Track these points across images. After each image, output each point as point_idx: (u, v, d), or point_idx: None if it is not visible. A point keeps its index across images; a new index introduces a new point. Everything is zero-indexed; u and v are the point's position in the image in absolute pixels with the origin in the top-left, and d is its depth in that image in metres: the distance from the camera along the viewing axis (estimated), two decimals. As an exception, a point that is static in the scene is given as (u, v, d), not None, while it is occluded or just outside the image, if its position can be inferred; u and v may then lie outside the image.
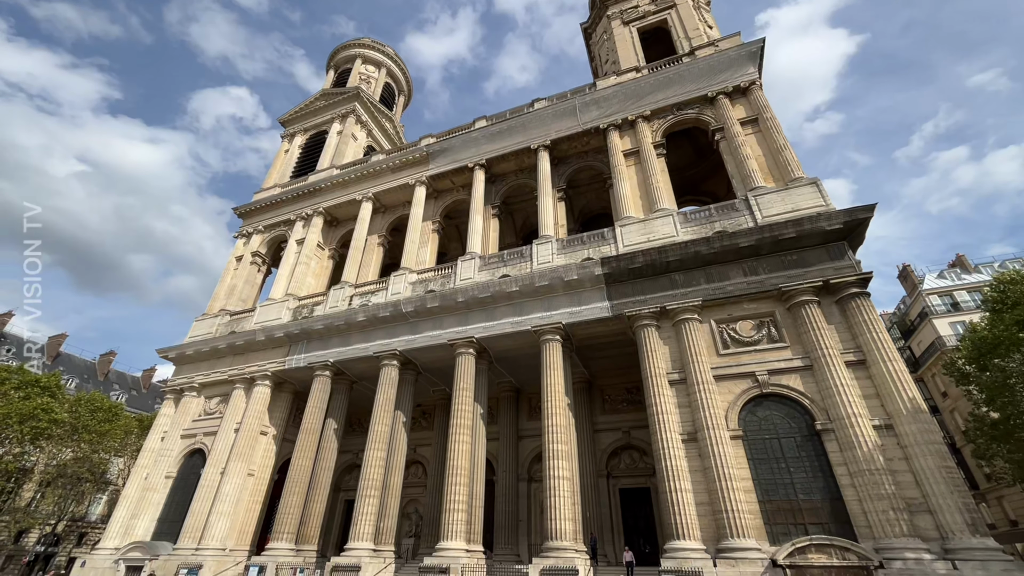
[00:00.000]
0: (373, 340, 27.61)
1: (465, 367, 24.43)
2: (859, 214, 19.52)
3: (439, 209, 34.53)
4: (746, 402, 18.93)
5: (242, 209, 41.49)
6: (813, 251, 20.23)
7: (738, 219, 22.71)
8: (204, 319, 35.49)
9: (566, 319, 23.32)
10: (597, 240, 25.40)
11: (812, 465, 17.19)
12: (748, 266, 21.09)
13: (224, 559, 24.89)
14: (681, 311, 21.13)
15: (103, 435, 40.08)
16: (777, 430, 18.23)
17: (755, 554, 15.73)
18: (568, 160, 32.07)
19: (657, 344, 21.17)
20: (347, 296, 30.55)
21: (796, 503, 16.79)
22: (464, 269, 27.54)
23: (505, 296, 24.89)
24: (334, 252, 37.98)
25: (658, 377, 20.25)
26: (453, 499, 21.07)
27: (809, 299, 19.35)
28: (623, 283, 22.98)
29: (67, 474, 42.01)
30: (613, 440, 27.49)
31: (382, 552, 22.41)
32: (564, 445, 20.71)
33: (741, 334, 20.26)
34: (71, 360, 53.38)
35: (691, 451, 18.58)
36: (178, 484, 29.21)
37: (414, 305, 26.65)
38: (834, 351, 18.07)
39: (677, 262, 21.93)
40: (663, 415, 19.31)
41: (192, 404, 31.82)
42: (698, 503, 17.56)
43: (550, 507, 19.25)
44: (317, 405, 27.57)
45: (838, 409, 17.02)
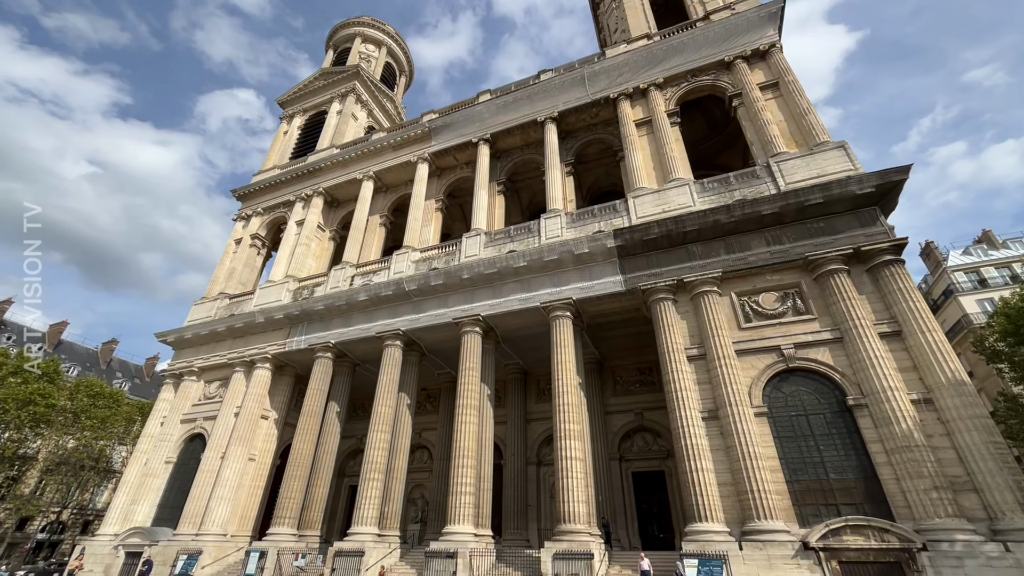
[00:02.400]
0: (375, 320, 26.60)
1: (471, 346, 23.39)
2: (893, 176, 18.19)
3: (442, 187, 33.32)
4: (771, 377, 17.78)
5: (241, 191, 40.44)
6: (842, 218, 18.92)
7: (759, 187, 21.40)
8: (203, 303, 34.61)
9: (577, 295, 22.18)
10: (608, 212, 24.16)
11: (844, 443, 16.07)
12: (771, 235, 19.83)
13: (225, 545, 24.18)
14: (700, 284, 19.94)
15: (104, 421, 39.51)
16: (805, 406, 17.09)
17: (784, 536, 14.70)
18: (576, 133, 30.71)
19: (674, 319, 20.02)
20: (348, 276, 29.51)
21: (827, 483, 15.70)
22: (469, 246, 26.40)
23: (512, 272, 23.75)
24: (335, 234, 36.91)
25: (676, 353, 19.12)
26: (460, 481, 20.15)
27: (838, 268, 18.10)
28: (637, 256, 21.78)
29: (70, 462, 41.59)
30: (625, 422, 26.45)
31: (387, 537, 21.57)
32: (576, 425, 19.68)
33: (764, 307, 19.06)
34: (73, 348, 52.88)
35: (712, 429, 17.50)
36: (178, 469, 28.51)
37: (417, 283, 25.58)
38: (866, 322, 16.86)
39: (695, 232, 20.70)
40: (681, 392, 18.21)
41: (192, 389, 31.04)
42: (720, 483, 16.51)
43: (562, 489, 18.27)
44: (318, 388, 26.67)
45: (872, 383, 15.86)
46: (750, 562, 14.51)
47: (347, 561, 19.71)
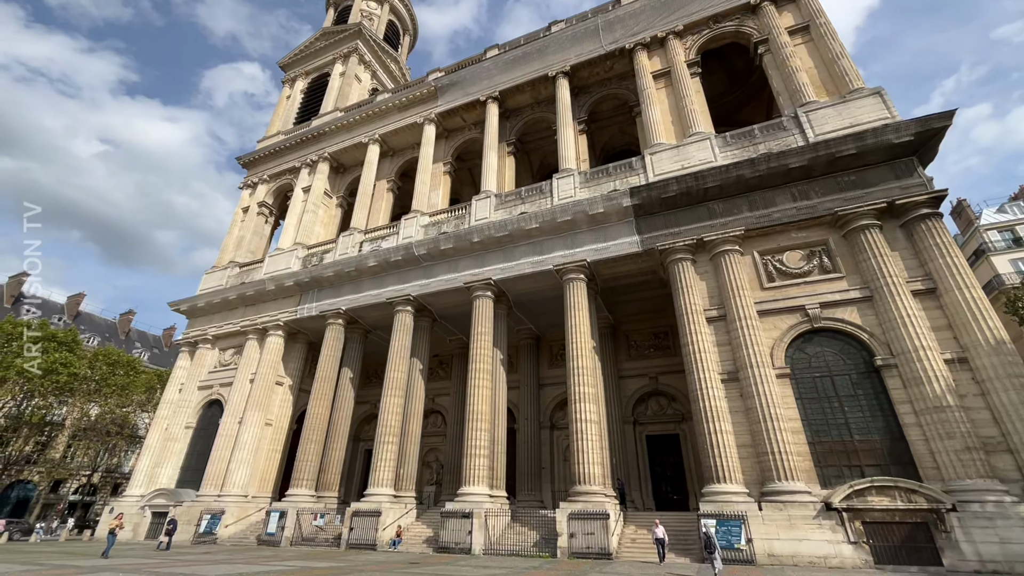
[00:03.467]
0: (385, 286, 26.26)
1: (483, 311, 22.99)
2: (934, 123, 16.88)
3: (450, 150, 32.24)
4: (794, 338, 17.15)
5: (246, 158, 39.72)
6: (875, 170, 17.77)
7: (786, 139, 20.16)
8: (214, 272, 34.56)
9: (591, 256, 21.48)
10: (624, 170, 23.10)
11: (870, 403, 15.54)
12: (798, 190, 18.77)
13: (246, 505, 24.83)
14: (720, 242, 19.10)
15: (124, 389, 40.48)
16: (830, 367, 16.50)
17: (805, 497, 14.42)
18: (589, 89, 29.21)
19: (693, 280, 19.30)
20: (357, 242, 29.04)
21: (851, 443, 15.27)
22: (479, 208, 25.62)
23: (524, 234, 23.04)
24: (342, 200, 36.25)
25: (694, 315, 18.50)
26: (474, 444, 20.14)
27: (870, 223, 17.11)
28: (654, 215, 20.89)
29: (96, 428, 42.96)
30: (639, 387, 26.17)
31: (403, 498, 21.87)
32: (591, 388, 19.38)
33: (789, 265, 18.23)
34: (91, 319, 53.85)
35: (731, 391, 17.06)
36: (198, 434, 29.11)
37: (427, 248, 25.02)
38: (899, 279, 16.01)
39: (716, 189, 19.69)
40: (700, 354, 17.70)
41: (207, 356, 31.35)
42: (739, 445, 16.19)
43: (577, 451, 18.14)
44: (331, 354, 26.68)
45: (903, 342, 15.16)
46: (770, 522, 14.31)
47: (365, 520, 20.05)
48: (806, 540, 13.79)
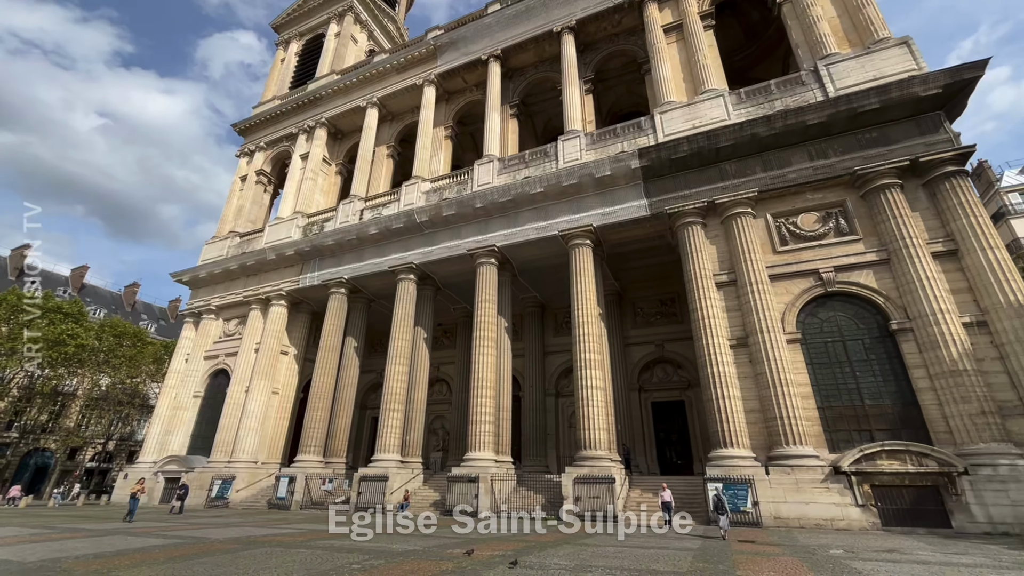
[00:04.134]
0: (387, 254, 25.83)
1: (487, 278, 22.61)
2: (965, 74, 15.86)
3: (451, 113, 31.13)
4: (807, 303, 16.73)
5: (241, 125, 38.66)
6: (899, 126, 16.86)
7: (804, 94, 19.14)
8: (214, 242, 34.19)
9: (597, 221, 20.87)
10: (633, 131, 22.17)
11: (883, 368, 15.23)
12: (816, 149, 17.92)
13: (256, 471, 25.27)
14: (732, 205, 18.42)
15: (131, 360, 40.90)
16: (842, 332, 16.13)
17: (813, 461, 14.32)
18: (596, 45, 27.81)
19: (703, 244, 18.74)
20: (357, 210, 28.44)
21: (862, 408, 15.06)
22: (482, 173, 24.85)
23: (528, 199, 22.36)
24: (341, 167, 35.40)
25: (704, 279, 18.04)
26: (480, 411, 20.15)
27: (890, 183, 16.37)
28: (663, 177, 20.14)
29: (108, 398, 43.69)
30: (645, 354, 26.01)
31: (410, 463, 22.12)
32: (597, 355, 19.16)
33: (803, 228, 17.60)
34: (96, 292, 54.02)
35: (740, 357, 16.78)
36: (206, 403, 29.42)
37: (428, 214, 24.43)
38: (919, 241, 15.41)
39: (729, 148, 18.85)
40: (709, 320, 17.33)
41: (211, 327, 31.37)
42: (747, 410, 16.03)
43: (583, 417, 18.07)
44: (335, 323, 26.55)
45: (920, 306, 14.70)
46: (776, 486, 14.27)
47: (372, 485, 20.32)
48: (813, 503, 13.76)
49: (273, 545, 9.19)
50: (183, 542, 9.61)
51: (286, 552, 8.22)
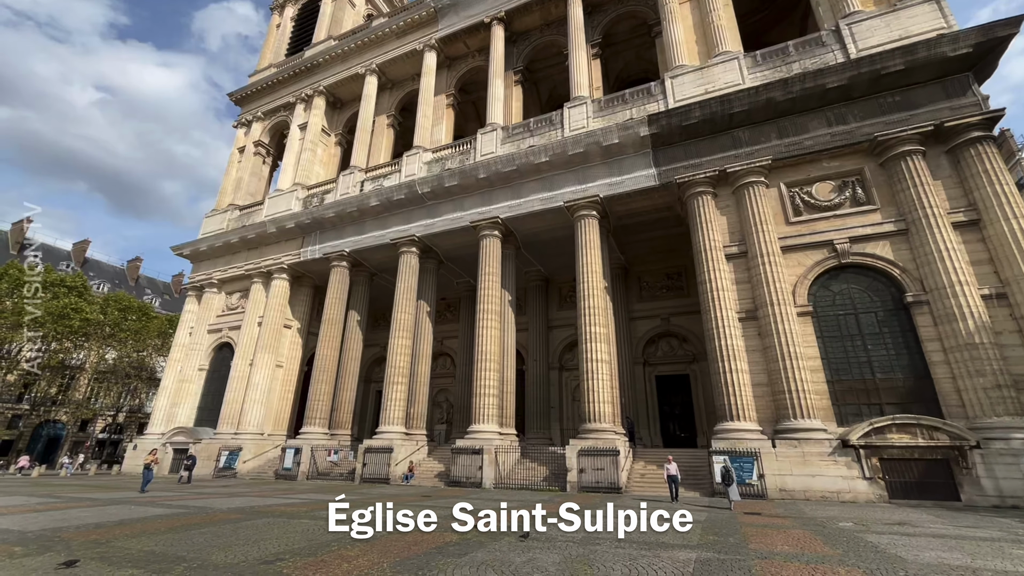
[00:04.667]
0: (389, 227, 25.36)
1: (490, 251, 22.19)
2: (998, 31, 14.93)
3: (453, 80, 30.06)
4: (819, 275, 16.28)
5: (237, 94, 37.61)
6: (923, 89, 16.02)
7: (824, 56, 18.18)
8: (214, 215, 33.74)
9: (604, 191, 20.26)
10: (642, 97, 21.29)
11: (896, 342, 14.90)
12: (834, 114, 17.13)
13: (263, 442, 25.55)
14: (745, 174, 17.77)
15: (138, 333, 41.14)
16: (855, 305, 15.74)
17: (820, 434, 14.17)
18: (604, 7, 26.49)
19: (713, 215, 18.18)
20: (358, 181, 27.82)
21: (872, 382, 14.80)
22: (485, 143, 24.10)
23: (533, 169, 21.71)
24: (341, 138, 34.54)
25: (713, 251, 17.57)
26: (483, 384, 20.07)
27: (912, 150, 15.66)
28: (673, 146, 19.42)
29: (115, 371, 44.20)
30: (650, 328, 25.75)
31: (414, 435, 22.24)
32: (602, 328, 18.89)
33: (818, 197, 16.99)
34: (99, 266, 53.95)
35: (749, 330, 16.47)
36: (211, 375, 29.58)
37: (430, 185, 23.83)
38: (939, 211, 14.83)
39: (743, 114, 18.05)
40: (718, 292, 16.95)
41: (214, 300, 31.27)
42: (755, 384, 15.82)
43: (587, 390, 17.94)
44: (337, 296, 26.33)
45: (937, 278, 14.25)
46: (783, 458, 14.16)
47: (377, 456, 20.47)
48: (819, 476, 13.67)
49: (276, 515, 9.14)
50: (186, 512, 9.58)
51: (288, 522, 8.15)
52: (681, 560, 5.40)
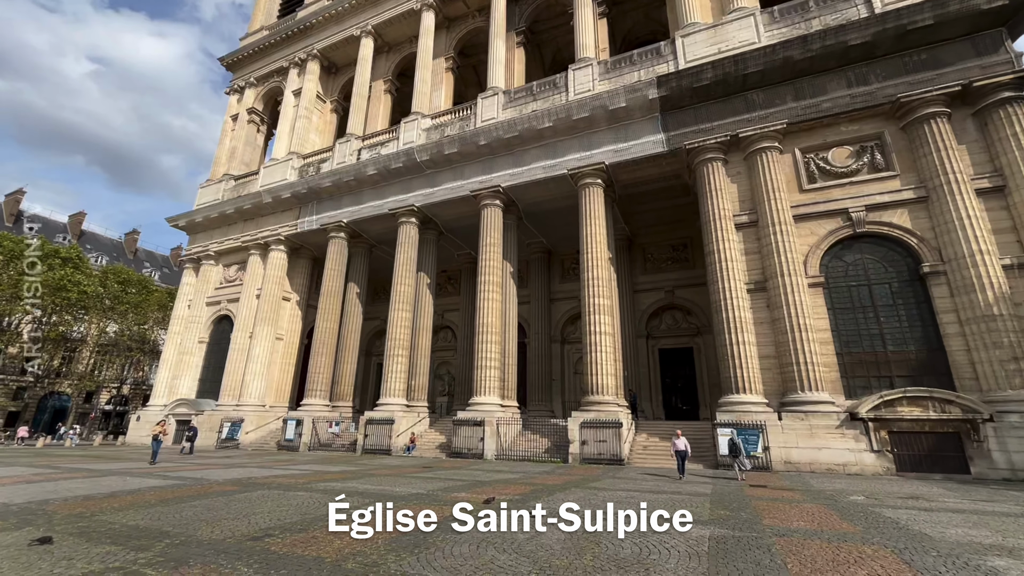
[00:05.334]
0: (387, 196, 24.66)
1: (491, 220, 21.56)
2: (1038, -19, 13.85)
3: (452, 42, 28.72)
4: (832, 245, 15.71)
5: (229, 58, 36.19)
6: (952, 46, 15.06)
7: (846, 11, 17.08)
8: (209, 185, 32.96)
9: (610, 158, 19.47)
10: (651, 57, 20.22)
11: (909, 313, 14.45)
12: (855, 74, 16.19)
13: (265, 414, 25.56)
14: (758, 138, 16.96)
15: (138, 306, 40.96)
16: (868, 276, 15.22)
17: (828, 407, 13.89)
18: (612, -39, 25.00)
19: (723, 182, 17.47)
20: (355, 150, 26.93)
21: (883, 355, 14.43)
22: (486, 108, 23.12)
23: (536, 135, 20.85)
24: (337, 105, 33.38)
25: (722, 220, 16.95)
26: (485, 356, 19.80)
27: (937, 112, 14.83)
28: (683, 109, 18.52)
29: (117, 344, 44.25)
30: (654, 300, 25.33)
31: (415, 407, 22.15)
32: (606, 299, 18.46)
33: (834, 163, 16.24)
34: (96, 238, 53.37)
35: (757, 301, 16.03)
36: (211, 348, 29.44)
37: (429, 153, 23.00)
38: (962, 176, 14.13)
39: (758, 75, 17.10)
40: (726, 263, 16.43)
41: (211, 272, 30.85)
42: (762, 356, 15.48)
43: (590, 363, 17.65)
44: (335, 268, 25.86)
45: (957, 247, 13.69)
46: (789, 431, 13.94)
47: (379, 428, 20.42)
48: (826, 448, 13.47)
49: (272, 487, 8.92)
50: (182, 483, 9.39)
51: (284, 495, 7.91)
52: (694, 537, 5.09)
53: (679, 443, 12.43)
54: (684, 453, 12.27)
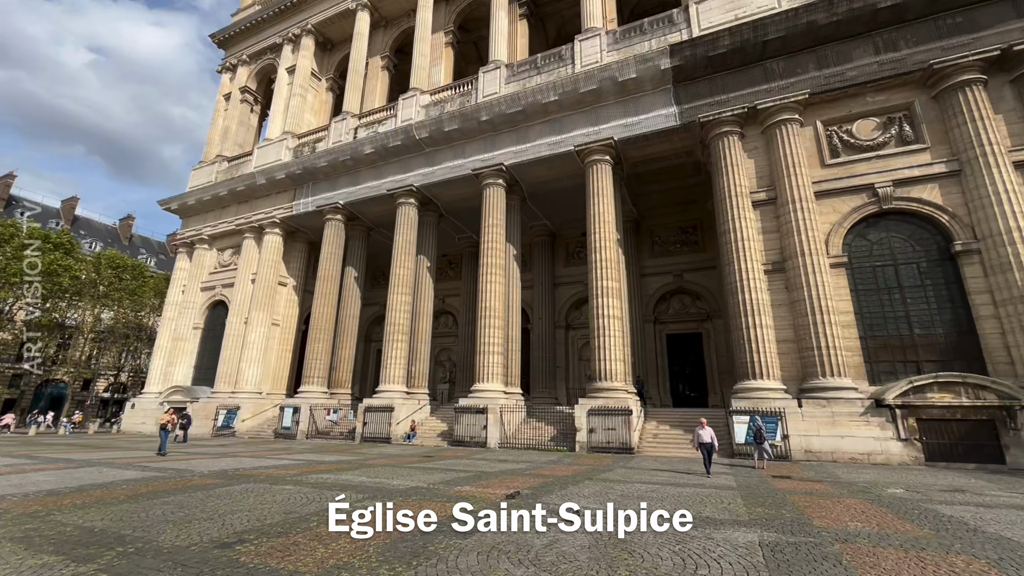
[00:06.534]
0: (385, 176, 23.68)
1: (494, 200, 20.63)
2: (1089, -67, 12.75)
3: (452, 15, 27.44)
4: (856, 223, 14.83)
5: (220, 35, 34.87)
6: (990, 7, 14.01)
7: (875, -27, 15.91)
8: (201, 167, 31.94)
9: (619, 133, 18.47)
10: (663, 26, 19.09)
11: (939, 295, 13.62)
12: (884, 40, 15.13)
13: (261, 401, 24.91)
14: (778, 110, 15.97)
15: (134, 293, 40.17)
16: (895, 255, 14.37)
17: (851, 394, 13.14)
18: (620, -73, 23.65)
19: (739, 157, 16.51)
20: (351, 128, 25.87)
21: (909, 339, 13.64)
22: (488, 82, 22.03)
23: (540, 109, 19.82)
24: (332, 83, 32.18)
25: (738, 198, 16.03)
26: (488, 341, 19.03)
27: (972, 79, 13.84)
28: (697, 81, 17.48)
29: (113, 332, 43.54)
30: (662, 285, 24.48)
31: (415, 394, 21.47)
32: (614, 282, 17.62)
33: (859, 137, 15.27)
34: (90, 224, 52.38)
35: (775, 283, 15.20)
36: (206, 334, 28.71)
37: (429, 130, 21.97)
38: (999, 148, 13.20)
39: (778, 42, 16.04)
40: (742, 242, 15.55)
41: (206, 257, 29.98)
42: (779, 340, 14.70)
43: (598, 348, 16.87)
44: (332, 251, 24.99)
45: (992, 223, 12.82)
46: (810, 419, 13.21)
47: (378, 416, 19.76)
48: (849, 437, 12.74)
49: (259, 480, 8.19)
50: (160, 476, 8.67)
51: (268, 489, 7.17)
52: (742, 544, 4.33)
53: (704, 434, 10.52)
54: (710, 446, 10.37)
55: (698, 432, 10.55)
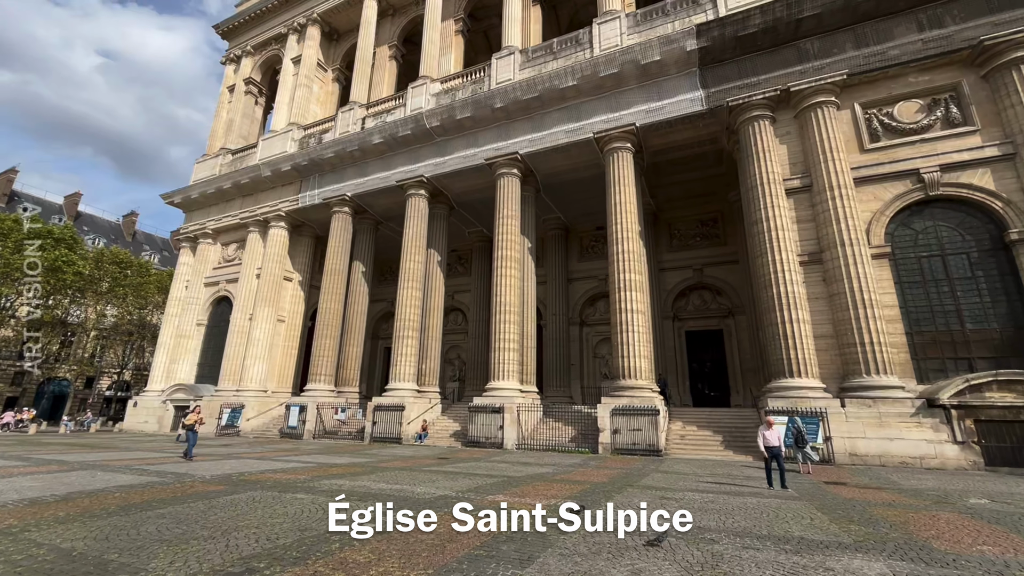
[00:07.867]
0: (394, 167, 22.88)
1: (508, 191, 19.79)
2: None
3: (463, 2, 26.57)
4: (899, 211, 13.93)
5: (224, 26, 34.15)
6: (1047, -21, 13.03)
7: (917, -55, 14.97)
8: (205, 160, 31.23)
9: (641, 119, 17.59)
10: (687, 7, 18.19)
11: (992, 287, 12.71)
12: (928, 16, 14.21)
13: (267, 400, 24.18)
14: (813, 93, 15.06)
15: (138, 290, 39.55)
16: (942, 245, 13.45)
17: (898, 393, 12.25)
18: (638, -93, 22.73)
19: (771, 143, 15.61)
20: (358, 118, 25.06)
21: (960, 334, 12.73)
22: (501, 68, 21.18)
23: (557, 95, 18.96)
24: (339, 74, 31.39)
25: (770, 185, 15.13)
26: (503, 338, 18.20)
27: (1027, 55, 12.87)
28: (724, 63, 16.58)
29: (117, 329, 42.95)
30: (681, 279, 23.58)
31: (426, 393, 20.66)
32: (638, 275, 16.75)
33: (901, 119, 14.35)
34: (93, 220, 51.83)
35: (812, 275, 14.30)
36: (210, 331, 28.01)
37: (440, 118, 21.15)
38: (1059, 129, 12.23)
39: (813, 20, 15.13)
40: (775, 232, 14.66)
41: (209, 252, 29.27)
42: (818, 336, 13.80)
43: (622, 344, 16.00)
44: (339, 245, 24.20)
45: (1053, 210, 11.86)
46: (854, 420, 12.31)
47: (388, 415, 18.97)
48: (899, 439, 11.84)
49: (267, 487, 7.39)
50: (159, 481, 7.87)
51: (278, 499, 6.36)
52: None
53: (771, 436, 8.53)
54: (777, 450, 8.40)
55: (763, 433, 8.63)
